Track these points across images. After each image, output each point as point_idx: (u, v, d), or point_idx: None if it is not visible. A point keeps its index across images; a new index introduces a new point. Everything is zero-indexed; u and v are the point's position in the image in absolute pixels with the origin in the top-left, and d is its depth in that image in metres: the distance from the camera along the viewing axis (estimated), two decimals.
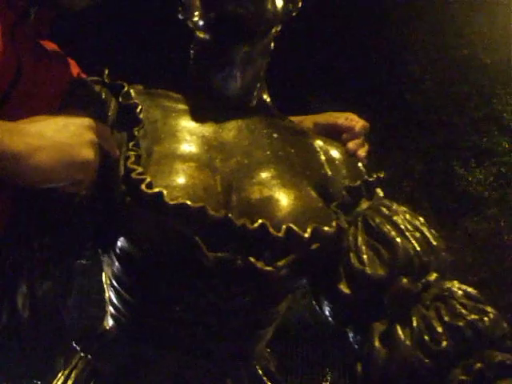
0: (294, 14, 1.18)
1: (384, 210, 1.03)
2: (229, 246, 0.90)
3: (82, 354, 0.99)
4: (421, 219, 1.04)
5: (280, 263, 0.90)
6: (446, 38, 8.52)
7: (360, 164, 1.13)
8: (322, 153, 1.11)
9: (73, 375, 0.97)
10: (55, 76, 1.01)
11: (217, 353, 0.96)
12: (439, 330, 0.87)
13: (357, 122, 1.17)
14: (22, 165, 0.78)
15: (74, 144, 0.82)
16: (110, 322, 1.02)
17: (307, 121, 1.23)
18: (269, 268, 0.89)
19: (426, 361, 0.85)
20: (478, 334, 0.87)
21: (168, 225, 0.88)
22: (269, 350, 1.11)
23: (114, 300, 1.01)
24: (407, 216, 1.03)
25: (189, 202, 0.88)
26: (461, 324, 0.87)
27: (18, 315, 0.85)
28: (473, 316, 0.88)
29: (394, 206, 1.06)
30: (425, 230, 1.01)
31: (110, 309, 1.02)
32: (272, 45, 1.17)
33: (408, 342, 0.87)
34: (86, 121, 0.86)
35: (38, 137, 0.80)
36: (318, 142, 1.13)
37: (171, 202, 0.87)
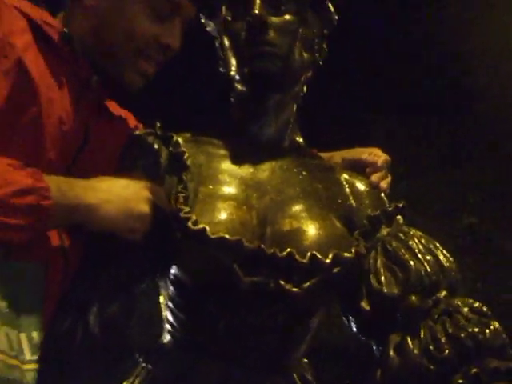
0: (320, 61, 1.35)
1: (401, 235, 1.17)
2: (262, 272, 1.06)
3: (144, 365, 1.18)
4: (435, 243, 1.18)
5: (305, 285, 1.06)
6: None
7: (382, 195, 1.28)
8: (347, 186, 1.27)
9: (136, 382, 1.16)
10: (116, 132, 1.21)
11: (256, 364, 1.12)
12: (443, 340, 1.00)
13: (379, 157, 1.32)
14: (94, 214, 0.97)
15: (133, 200, 1.01)
16: (166, 337, 1.20)
17: (336, 156, 1.38)
18: (296, 289, 1.05)
19: (431, 367, 0.99)
20: (477, 344, 1.00)
21: (210, 255, 1.06)
22: (306, 361, 1.26)
23: (170, 318, 1.19)
24: (422, 240, 1.17)
25: (227, 236, 1.05)
26: (462, 335, 1.00)
27: (89, 332, 1.04)
28: (474, 328, 1.01)
29: (412, 232, 1.20)
30: (438, 252, 1.15)
31: (167, 326, 1.20)
32: (304, 89, 1.34)
33: (416, 351, 1.01)
34: (143, 183, 1.06)
35: (107, 192, 1.00)
36: (345, 176, 1.28)
37: (213, 236, 1.05)
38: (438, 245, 1.18)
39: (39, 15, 1.06)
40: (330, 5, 1.31)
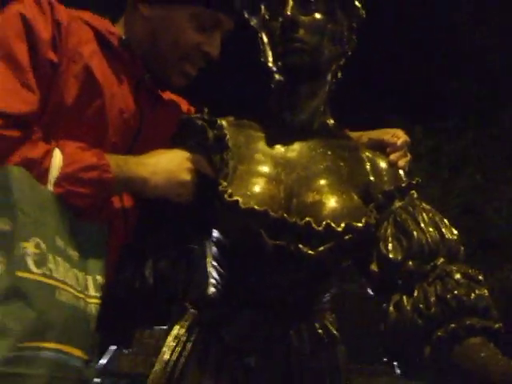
0: (349, 52, 1.52)
1: (410, 208, 1.35)
2: (285, 237, 1.27)
3: (192, 311, 1.43)
4: (441, 216, 1.34)
5: (320, 249, 1.26)
6: None
7: (401, 172, 1.45)
8: (368, 163, 1.44)
9: (185, 324, 1.41)
10: (169, 116, 1.44)
11: (282, 313, 1.34)
12: (432, 300, 1.18)
13: (398, 138, 1.49)
14: (146, 184, 1.21)
15: (176, 170, 1.25)
16: (211, 289, 1.44)
17: (364, 136, 1.56)
18: (312, 252, 1.26)
19: (420, 322, 1.18)
20: (460, 304, 1.17)
21: (242, 222, 1.28)
22: (329, 312, 1.47)
23: (214, 273, 1.42)
24: (430, 214, 1.34)
25: (256, 207, 1.26)
26: (448, 296, 1.18)
27: (145, 281, 1.30)
28: (461, 291, 1.18)
29: (422, 205, 1.37)
30: (441, 224, 1.31)
31: (211, 280, 1.44)
32: (338, 75, 1.52)
33: (409, 308, 1.20)
34: (186, 154, 1.28)
35: (155, 166, 1.23)
36: (367, 154, 1.46)
37: (243, 207, 1.26)
38: (443, 219, 1.34)
39: (101, 24, 1.30)
40: (357, 2, 1.47)
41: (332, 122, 1.52)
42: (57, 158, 1.07)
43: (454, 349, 1.14)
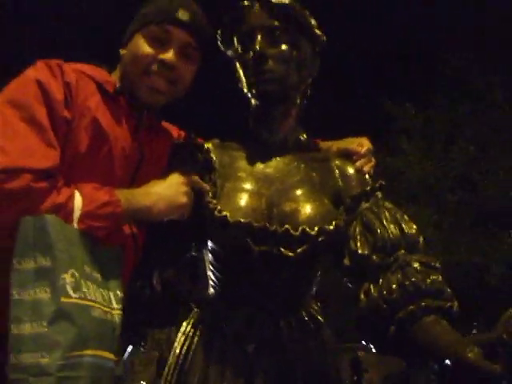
0: (313, 77, 1.73)
1: (375, 208, 1.57)
2: (268, 242, 1.50)
3: (196, 310, 1.66)
4: (401, 214, 1.57)
5: (299, 250, 1.49)
6: None
7: (367, 176, 1.67)
8: (338, 171, 1.67)
9: (191, 322, 1.64)
10: (164, 145, 1.67)
11: (272, 307, 1.57)
12: (394, 286, 1.41)
13: (363, 147, 1.71)
14: (150, 212, 1.44)
15: (175, 195, 1.47)
16: (211, 290, 1.67)
17: (334, 146, 1.78)
18: (291, 253, 1.49)
19: (384, 306, 1.41)
20: (417, 289, 1.40)
21: (231, 232, 1.50)
22: (314, 302, 1.70)
23: (211, 276, 1.65)
24: (392, 212, 1.57)
25: (242, 219, 1.49)
26: (407, 283, 1.40)
27: (154, 289, 1.53)
28: (418, 277, 1.41)
29: (385, 204, 1.60)
30: (402, 221, 1.54)
31: (210, 282, 1.67)
32: (308, 93, 1.74)
33: (375, 294, 1.43)
34: (181, 179, 1.51)
35: (157, 194, 1.46)
36: (337, 163, 1.69)
37: (231, 220, 1.49)
38: (404, 215, 1.57)
39: (100, 75, 1.52)
40: (317, 30, 1.68)
41: (304, 136, 1.74)
42: (78, 200, 1.31)
43: (412, 327, 1.37)
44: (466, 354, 1.23)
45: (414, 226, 1.55)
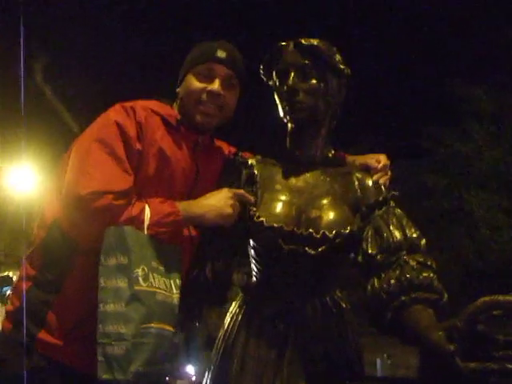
0: (342, 101, 2.08)
1: (385, 215, 1.91)
2: (295, 243, 1.88)
3: (241, 294, 2.07)
4: (407, 220, 1.89)
5: (319, 249, 1.86)
6: None
7: (383, 187, 2.01)
8: (357, 182, 2.02)
9: (237, 303, 2.05)
10: (217, 161, 2.07)
11: (299, 293, 1.95)
12: (392, 281, 1.74)
13: (379, 162, 2.05)
14: (203, 219, 1.85)
15: (223, 207, 1.87)
16: (253, 279, 2.07)
17: (357, 160, 2.13)
18: (313, 252, 1.86)
19: (384, 296, 1.74)
20: (410, 283, 1.72)
21: (266, 234, 1.89)
22: (339, 290, 2.06)
23: (253, 267, 2.05)
24: (399, 218, 1.90)
25: (275, 224, 1.87)
26: (402, 278, 1.73)
27: (206, 278, 1.95)
28: (413, 274, 1.74)
29: (395, 211, 1.93)
30: (406, 226, 1.87)
31: (253, 272, 2.07)
32: (338, 115, 2.09)
33: (377, 286, 1.77)
34: (229, 193, 1.89)
35: (208, 206, 1.86)
36: (357, 175, 2.04)
37: (266, 225, 1.88)
38: (409, 221, 1.90)
39: (164, 110, 1.94)
40: (341, 66, 2.02)
41: (332, 153, 2.10)
42: (147, 212, 1.73)
43: (403, 314, 1.70)
44: (431, 335, 1.54)
45: (417, 231, 1.87)
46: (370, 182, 2.02)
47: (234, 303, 2.08)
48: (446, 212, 12.30)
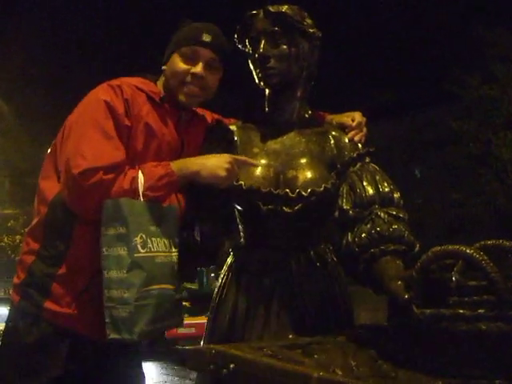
0: (316, 63, 2.15)
1: (359, 172, 1.99)
2: (273, 203, 1.99)
3: (232, 254, 2.19)
4: (381, 175, 1.97)
5: (296, 208, 1.97)
6: None
7: (359, 145, 2.09)
8: (333, 141, 2.11)
9: (228, 262, 2.18)
10: (200, 130, 2.17)
11: (284, 248, 2.06)
12: (363, 235, 1.83)
13: (354, 119, 2.12)
14: (197, 176, 1.94)
15: (215, 167, 1.94)
16: (241, 238, 2.19)
17: (334, 119, 2.20)
18: (290, 210, 1.97)
19: (356, 249, 1.83)
20: (381, 236, 1.80)
21: (245, 196, 2.00)
22: (324, 244, 2.16)
23: (240, 227, 2.17)
24: (372, 173, 1.98)
25: (253, 186, 1.98)
26: (373, 231, 1.82)
27: (195, 240, 2.07)
28: (383, 227, 1.82)
29: (369, 167, 2.01)
30: (379, 181, 1.95)
31: (240, 232, 2.19)
32: (314, 75, 2.17)
33: (350, 240, 1.86)
34: (230, 158, 1.96)
35: (201, 164, 1.95)
36: (333, 134, 2.12)
37: (245, 188, 1.99)
38: (382, 175, 1.98)
39: (148, 87, 2.05)
40: (311, 29, 2.08)
41: (309, 113, 2.18)
42: (141, 178, 1.84)
43: (373, 266, 1.78)
44: (390, 285, 1.61)
45: (389, 185, 1.95)
46: (345, 140, 2.11)
47: (225, 264, 2.21)
48: (475, 157, 12.17)
